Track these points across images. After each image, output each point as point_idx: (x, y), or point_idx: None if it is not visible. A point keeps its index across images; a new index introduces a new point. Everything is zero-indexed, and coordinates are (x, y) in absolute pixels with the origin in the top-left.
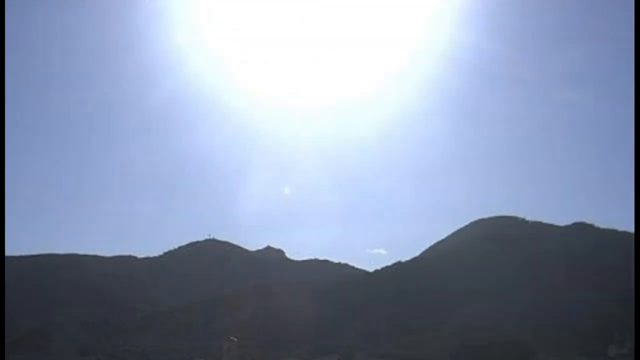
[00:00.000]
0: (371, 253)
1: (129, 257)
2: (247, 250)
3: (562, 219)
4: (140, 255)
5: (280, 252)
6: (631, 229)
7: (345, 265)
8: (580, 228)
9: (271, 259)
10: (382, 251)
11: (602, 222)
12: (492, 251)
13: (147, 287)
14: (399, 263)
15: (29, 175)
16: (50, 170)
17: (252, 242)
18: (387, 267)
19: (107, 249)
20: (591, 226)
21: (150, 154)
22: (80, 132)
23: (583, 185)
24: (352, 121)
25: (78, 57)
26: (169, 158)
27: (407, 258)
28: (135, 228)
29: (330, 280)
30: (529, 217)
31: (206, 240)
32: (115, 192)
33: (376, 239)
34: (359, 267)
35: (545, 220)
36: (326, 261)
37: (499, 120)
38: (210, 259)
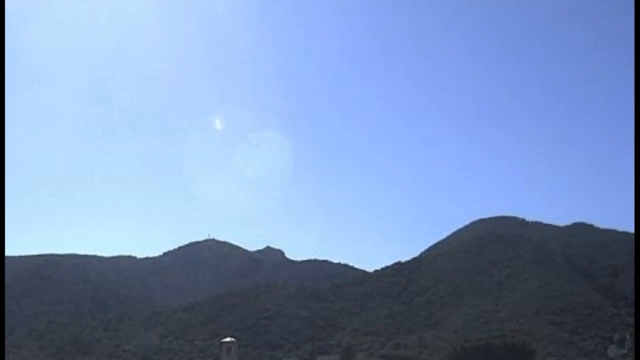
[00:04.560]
0: (371, 253)
1: (129, 257)
2: (247, 250)
3: (562, 219)
4: (140, 255)
5: (280, 252)
6: (631, 229)
7: (345, 265)
8: (580, 228)
9: (271, 259)
10: (382, 251)
11: (602, 222)
12: (491, 251)
13: (147, 287)
14: (399, 263)
15: (29, 175)
16: (51, 169)
17: (252, 242)
18: (387, 267)
19: (107, 249)
20: (591, 226)
21: (149, 154)
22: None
23: (583, 185)
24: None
25: None
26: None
27: (407, 258)
28: (135, 228)
29: (330, 280)
30: (529, 217)
31: (206, 240)
32: (115, 192)
33: (375, 238)
34: (358, 267)
35: (545, 220)
36: (326, 261)
37: (500, 122)
38: (210, 259)
